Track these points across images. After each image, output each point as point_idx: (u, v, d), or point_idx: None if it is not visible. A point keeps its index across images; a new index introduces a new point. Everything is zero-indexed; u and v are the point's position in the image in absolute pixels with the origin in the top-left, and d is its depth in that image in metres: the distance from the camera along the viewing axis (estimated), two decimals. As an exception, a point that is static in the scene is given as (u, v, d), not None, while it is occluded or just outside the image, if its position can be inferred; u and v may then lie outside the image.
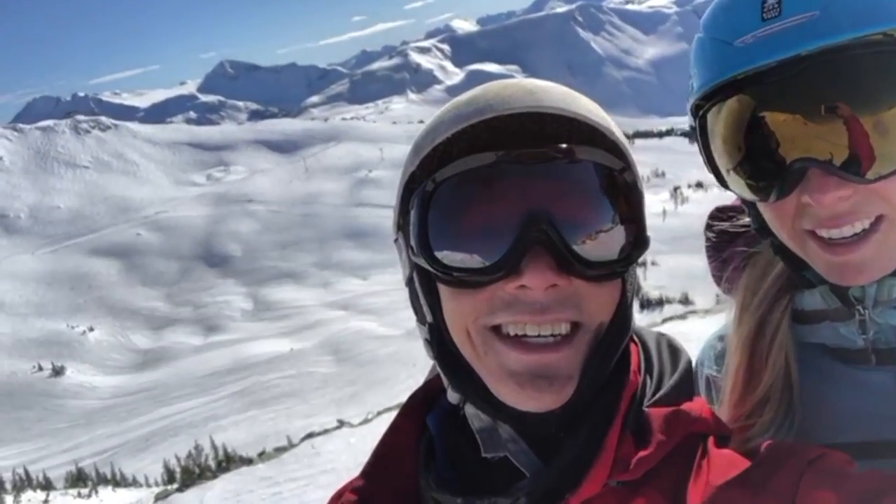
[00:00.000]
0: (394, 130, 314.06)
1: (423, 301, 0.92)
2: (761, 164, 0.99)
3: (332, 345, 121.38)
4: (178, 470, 44.07)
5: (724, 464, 0.84)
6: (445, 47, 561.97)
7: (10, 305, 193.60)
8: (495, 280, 0.81)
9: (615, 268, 0.84)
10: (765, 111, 0.96)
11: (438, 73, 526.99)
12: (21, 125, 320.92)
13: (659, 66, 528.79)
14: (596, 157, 0.82)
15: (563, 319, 0.81)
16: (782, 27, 0.90)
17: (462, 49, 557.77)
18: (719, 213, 1.32)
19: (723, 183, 1.08)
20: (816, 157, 0.93)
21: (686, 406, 0.88)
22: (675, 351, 0.98)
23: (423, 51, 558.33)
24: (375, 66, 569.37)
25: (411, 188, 0.88)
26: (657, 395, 0.89)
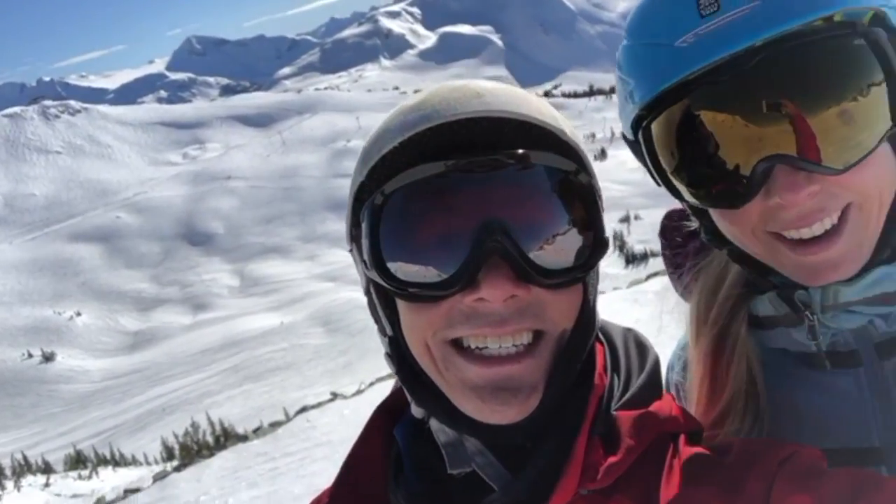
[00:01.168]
0: (369, 98, 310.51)
1: (381, 314, 0.89)
2: (720, 169, 0.94)
3: (323, 316, 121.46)
4: (176, 447, 44.44)
5: (695, 464, 0.83)
6: (416, 10, 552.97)
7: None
8: (452, 294, 0.79)
9: (575, 274, 0.82)
10: (718, 112, 0.91)
11: (410, 38, 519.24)
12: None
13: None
14: (548, 160, 0.80)
15: (524, 329, 0.80)
16: (725, 21, 0.86)
17: (433, 12, 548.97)
18: (669, 220, 1.30)
19: (677, 195, 1.03)
20: (784, 153, 0.88)
21: (655, 406, 0.86)
22: (642, 348, 0.96)
23: (394, 15, 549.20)
24: (346, 33, 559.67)
25: (361, 199, 0.86)
26: (625, 397, 0.87)
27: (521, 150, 0.78)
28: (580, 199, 0.83)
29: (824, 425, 1.06)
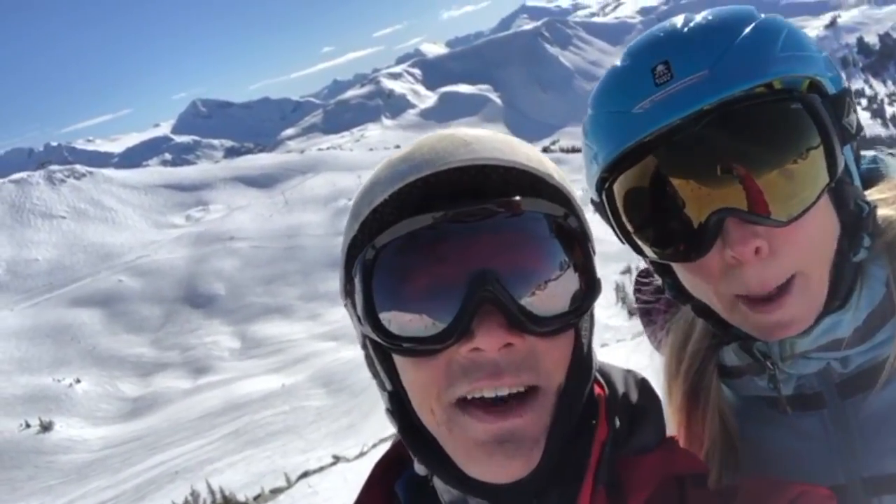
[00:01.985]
0: (371, 157, 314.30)
1: (379, 368, 0.89)
2: (677, 224, 1.00)
3: (325, 377, 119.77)
4: (175, 519, 42.72)
5: None
6: (416, 71, 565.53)
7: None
8: (447, 346, 0.78)
9: (568, 320, 0.82)
10: (672, 171, 0.98)
11: (411, 98, 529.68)
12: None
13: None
14: (537, 206, 0.80)
15: (520, 383, 0.79)
16: (676, 88, 0.94)
17: (433, 72, 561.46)
18: (642, 277, 1.35)
19: (639, 251, 1.08)
20: (733, 206, 0.95)
21: (659, 450, 0.86)
22: (644, 390, 0.96)
23: (395, 76, 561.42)
24: (348, 94, 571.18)
25: (354, 254, 0.85)
26: (629, 443, 0.87)
27: (509, 198, 0.78)
28: (571, 243, 0.83)
29: (793, 465, 1.10)
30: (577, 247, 0.83)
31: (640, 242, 1.06)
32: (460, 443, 0.80)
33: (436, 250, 0.78)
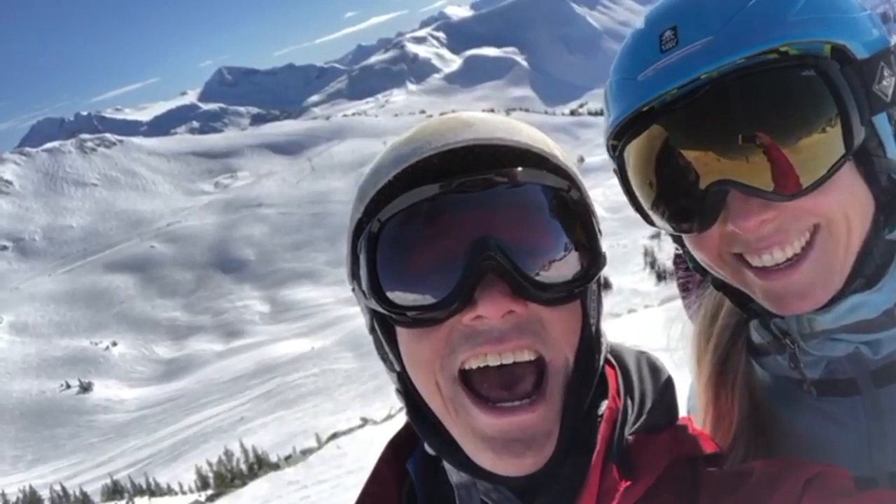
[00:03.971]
0: (396, 123, 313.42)
1: (387, 349, 0.89)
2: (679, 194, 0.97)
3: (353, 340, 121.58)
4: (210, 476, 44.44)
5: (717, 486, 0.81)
6: (441, 35, 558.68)
7: (33, 327, 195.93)
8: (451, 314, 0.78)
9: (571, 288, 0.82)
10: (675, 140, 0.94)
11: (436, 62, 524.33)
12: (28, 149, 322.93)
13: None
14: (540, 178, 0.81)
15: (524, 346, 0.79)
16: (680, 55, 0.91)
17: (458, 35, 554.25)
18: (680, 250, 1.29)
19: (647, 219, 1.06)
20: (734, 179, 0.90)
21: (672, 429, 0.85)
22: (656, 371, 0.94)
23: (419, 40, 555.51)
24: (372, 60, 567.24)
25: (359, 234, 0.85)
26: (640, 421, 0.85)
27: (511, 169, 0.79)
28: (573, 214, 0.83)
29: (821, 451, 1.05)
30: (580, 218, 0.84)
31: (648, 212, 1.04)
32: (467, 431, 0.80)
33: (438, 221, 0.79)
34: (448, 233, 0.79)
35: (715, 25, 0.89)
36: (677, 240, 1.11)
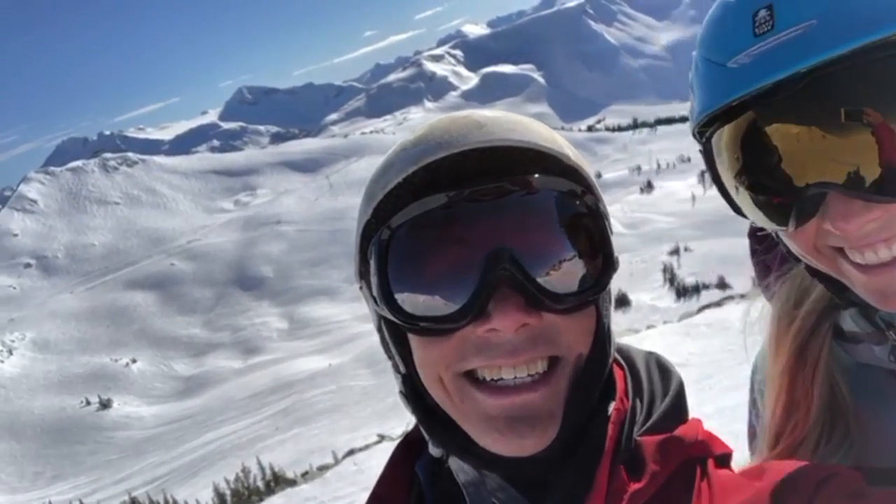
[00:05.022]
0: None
1: (393, 351, 0.89)
2: (773, 190, 0.89)
3: (369, 357, 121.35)
4: (227, 493, 44.39)
5: (727, 488, 0.81)
6: (458, 53, 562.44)
7: (54, 343, 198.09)
8: (463, 326, 0.78)
9: (586, 296, 0.81)
10: (770, 133, 0.85)
11: (453, 80, 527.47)
12: (52, 168, 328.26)
13: (675, 51, 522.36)
14: (552, 184, 0.80)
15: (538, 357, 0.78)
16: (778, 42, 0.81)
17: (475, 53, 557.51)
18: (759, 230, 1.22)
19: (737, 211, 0.98)
20: (833, 181, 0.82)
21: (680, 430, 0.84)
22: (665, 371, 0.93)
23: (437, 58, 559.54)
24: (391, 78, 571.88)
25: (368, 237, 0.85)
26: (649, 422, 0.85)
27: (524, 176, 0.78)
28: (587, 220, 0.82)
29: None
30: (595, 224, 0.82)
31: (736, 200, 0.96)
32: (472, 416, 0.79)
33: (451, 230, 0.78)
34: (461, 243, 0.78)
35: (817, 7, 0.78)
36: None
